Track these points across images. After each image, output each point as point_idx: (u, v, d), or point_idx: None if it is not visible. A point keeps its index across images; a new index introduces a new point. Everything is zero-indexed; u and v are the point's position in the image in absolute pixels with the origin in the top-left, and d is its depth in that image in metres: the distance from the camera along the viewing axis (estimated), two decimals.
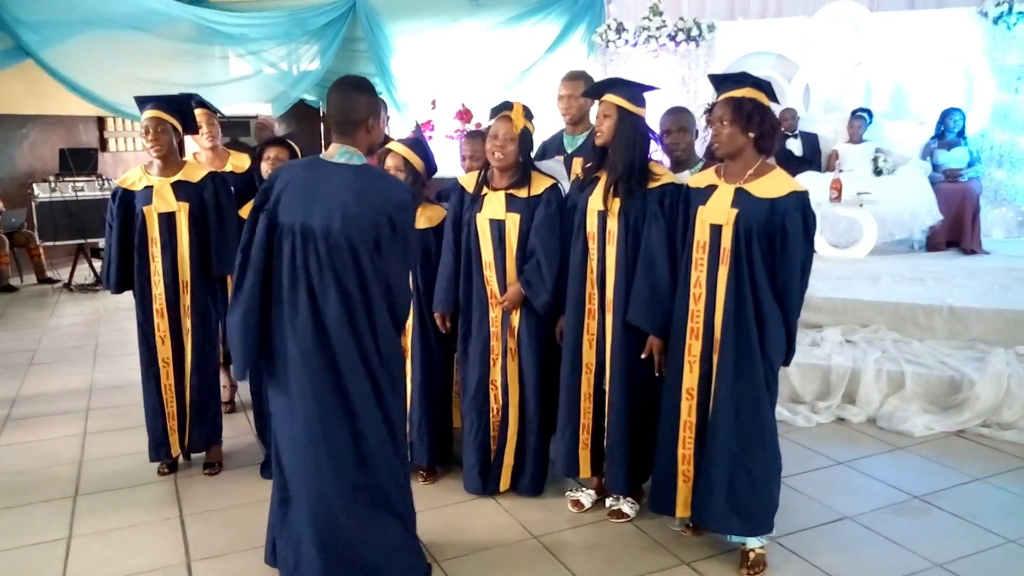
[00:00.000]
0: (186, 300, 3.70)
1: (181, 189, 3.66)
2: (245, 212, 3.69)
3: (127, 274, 3.69)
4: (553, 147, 3.94)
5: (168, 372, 3.72)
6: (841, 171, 7.12)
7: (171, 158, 3.68)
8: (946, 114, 7.34)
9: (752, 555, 2.93)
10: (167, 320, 3.68)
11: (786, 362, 2.94)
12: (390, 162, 3.47)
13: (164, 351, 3.71)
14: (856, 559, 3.02)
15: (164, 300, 3.66)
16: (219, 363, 4.05)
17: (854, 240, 6.70)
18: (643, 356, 3.12)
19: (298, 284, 2.52)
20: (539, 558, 3.06)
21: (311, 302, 2.51)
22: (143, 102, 3.62)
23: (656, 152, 3.25)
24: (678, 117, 3.39)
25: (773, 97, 2.86)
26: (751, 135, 2.81)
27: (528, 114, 3.33)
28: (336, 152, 2.56)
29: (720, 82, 2.94)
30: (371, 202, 2.49)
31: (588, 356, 3.25)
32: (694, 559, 3.02)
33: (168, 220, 3.64)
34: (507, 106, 3.32)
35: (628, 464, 3.19)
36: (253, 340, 2.58)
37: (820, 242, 6.60)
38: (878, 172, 7.29)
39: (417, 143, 3.67)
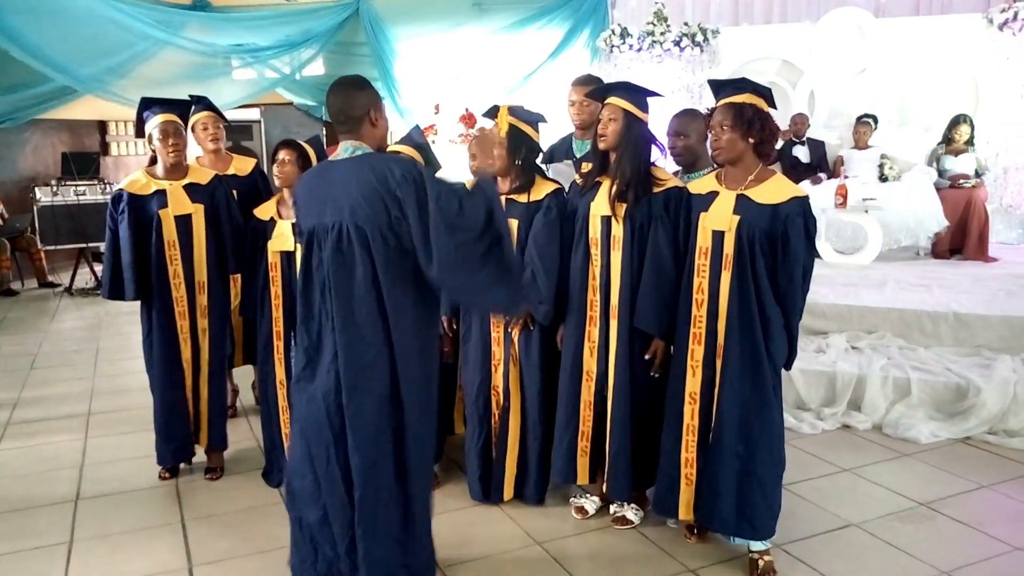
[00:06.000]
0: (203, 300, 3.73)
1: (194, 191, 3.69)
2: (260, 212, 3.71)
3: (145, 280, 3.66)
4: (561, 151, 3.92)
5: (189, 372, 3.74)
6: (847, 177, 7.11)
7: (182, 162, 3.70)
8: (955, 121, 7.31)
9: (762, 563, 2.92)
10: (188, 321, 3.70)
11: (787, 366, 2.95)
12: None
13: (186, 351, 3.73)
14: (862, 566, 3.00)
15: (186, 301, 3.69)
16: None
17: (859, 246, 6.67)
18: (647, 356, 3.10)
19: (310, 288, 2.52)
20: (543, 565, 3.04)
21: (317, 306, 2.51)
22: (150, 104, 3.62)
23: (660, 158, 3.23)
24: (676, 122, 3.37)
25: (772, 103, 2.87)
26: (751, 141, 2.83)
27: (521, 115, 3.29)
28: (341, 149, 2.55)
29: (720, 87, 2.93)
30: (373, 183, 2.42)
31: (589, 364, 3.22)
32: (699, 566, 3.00)
33: (184, 222, 3.66)
34: (495, 110, 3.31)
35: (631, 471, 3.17)
36: None
37: (825, 248, 6.58)
38: (884, 178, 7.28)
39: (420, 146, 3.66)
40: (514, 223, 3.26)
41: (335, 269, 2.45)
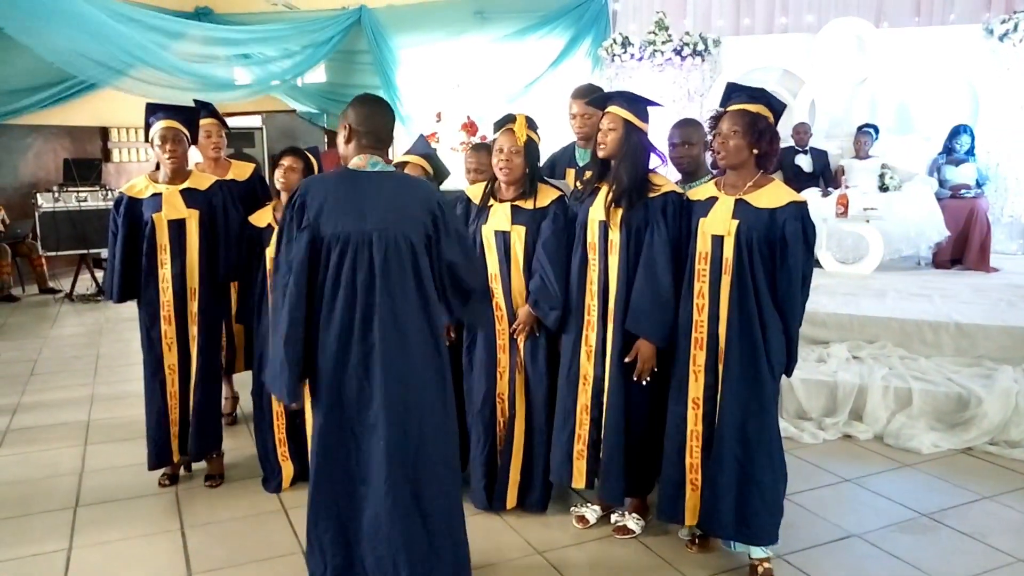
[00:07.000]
0: (193, 307, 3.69)
1: (190, 196, 3.67)
2: (257, 219, 3.72)
3: (131, 283, 3.66)
4: (564, 161, 3.91)
5: (174, 379, 3.70)
6: (847, 187, 7.12)
7: (182, 168, 3.69)
8: (955, 131, 7.32)
9: (761, 568, 2.92)
10: (174, 327, 3.67)
11: (787, 372, 2.94)
12: (409, 172, 3.50)
13: (171, 358, 3.69)
14: None
15: (172, 307, 3.66)
16: (221, 372, 4.03)
17: (860, 256, 6.68)
18: (627, 360, 3.09)
19: (338, 293, 2.49)
20: (543, 575, 3.02)
21: (349, 311, 2.48)
22: (155, 110, 3.63)
23: (661, 166, 3.24)
24: (682, 131, 3.38)
25: (778, 120, 2.89)
26: (755, 152, 2.84)
27: (532, 125, 3.32)
28: (368, 162, 2.55)
29: (735, 91, 2.93)
30: (420, 201, 2.56)
31: (586, 368, 3.21)
32: None
33: (178, 227, 3.64)
34: (510, 119, 3.31)
35: (623, 475, 3.16)
36: (297, 361, 2.50)
37: (826, 258, 6.59)
38: (884, 188, 7.28)
39: (428, 155, 3.71)
40: (521, 229, 3.30)
41: (383, 273, 2.47)
